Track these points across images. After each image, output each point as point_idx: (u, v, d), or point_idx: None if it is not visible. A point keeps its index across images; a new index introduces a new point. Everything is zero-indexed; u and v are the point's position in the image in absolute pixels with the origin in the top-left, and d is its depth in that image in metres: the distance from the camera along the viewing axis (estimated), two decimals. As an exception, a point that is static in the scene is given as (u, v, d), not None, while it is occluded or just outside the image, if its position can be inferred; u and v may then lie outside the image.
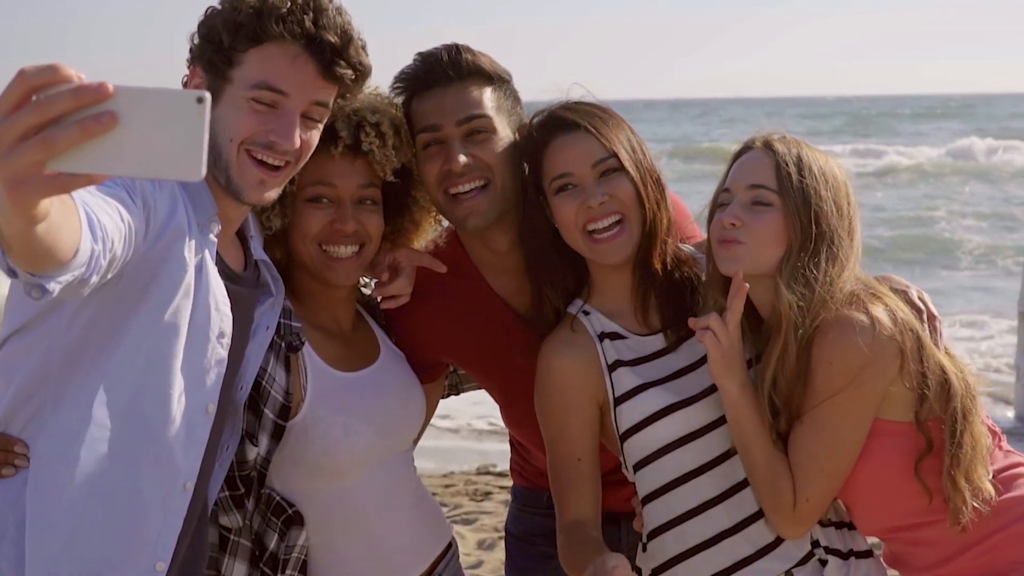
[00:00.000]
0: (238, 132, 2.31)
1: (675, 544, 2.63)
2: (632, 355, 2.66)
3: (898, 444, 2.51)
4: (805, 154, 2.55)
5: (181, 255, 2.22)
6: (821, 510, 2.57)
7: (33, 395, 2.22)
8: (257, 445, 2.58)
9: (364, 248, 2.75)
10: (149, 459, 2.25)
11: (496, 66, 2.82)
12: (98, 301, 2.14)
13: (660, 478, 2.62)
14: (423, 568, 2.89)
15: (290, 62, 2.31)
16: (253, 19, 2.29)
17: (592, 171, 2.61)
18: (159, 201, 2.16)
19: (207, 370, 2.32)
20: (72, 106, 1.25)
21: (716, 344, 2.53)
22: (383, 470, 2.78)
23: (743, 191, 2.54)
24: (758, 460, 2.54)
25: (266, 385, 2.60)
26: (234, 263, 2.49)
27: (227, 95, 2.32)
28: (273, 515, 2.64)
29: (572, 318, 2.69)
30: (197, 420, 2.31)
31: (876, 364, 2.44)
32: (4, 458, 2.22)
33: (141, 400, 2.22)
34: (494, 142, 2.76)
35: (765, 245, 2.51)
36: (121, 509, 2.24)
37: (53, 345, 2.18)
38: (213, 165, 2.32)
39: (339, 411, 2.70)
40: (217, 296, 2.33)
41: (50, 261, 1.59)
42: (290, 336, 2.64)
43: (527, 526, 3.25)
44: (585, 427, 2.65)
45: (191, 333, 2.26)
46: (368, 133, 2.67)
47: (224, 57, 2.31)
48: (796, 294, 2.47)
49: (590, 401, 2.64)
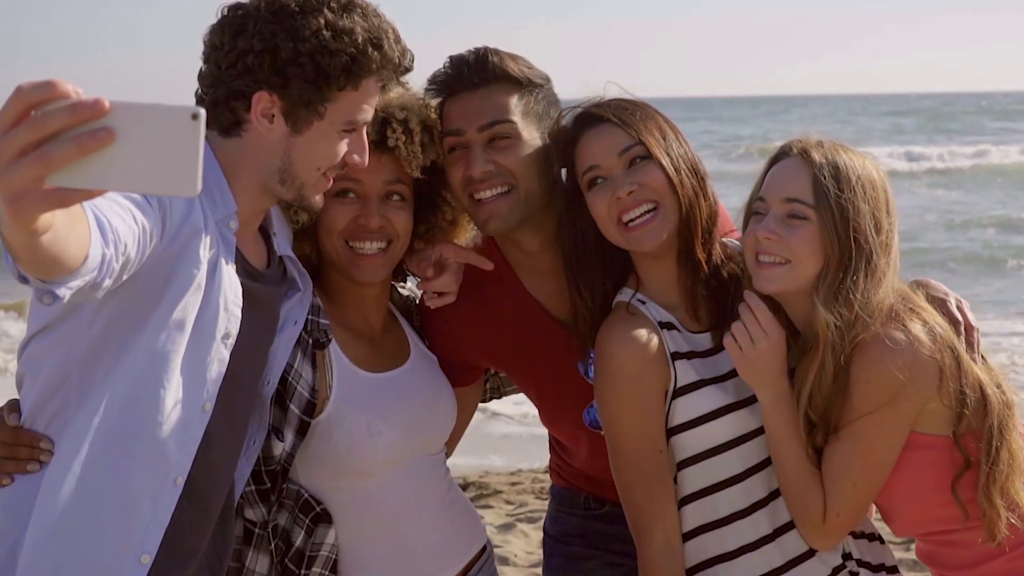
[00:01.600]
0: (327, 162, 2.39)
1: (715, 546, 2.60)
2: (688, 348, 2.62)
3: (934, 457, 2.49)
4: (843, 162, 2.49)
5: (196, 253, 2.24)
6: (852, 524, 2.56)
7: (56, 393, 2.26)
8: (283, 440, 2.60)
9: (391, 245, 2.74)
10: (141, 453, 2.26)
11: (527, 70, 2.80)
12: (117, 301, 2.17)
13: (706, 479, 2.59)
14: (455, 571, 2.88)
15: (377, 94, 2.43)
16: (362, 63, 2.34)
17: (619, 160, 2.58)
18: (175, 201, 2.18)
19: (207, 369, 2.32)
20: (69, 122, 1.26)
21: (737, 351, 2.52)
22: (410, 472, 2.78)
23: (779, 204, 2.50)
24: (789, 471, 2.52)
25: (292, 381, 2.62)
26: (256, 260, 2.50)
27: (316, 128, 2.36)
28: (301, 512, 2.66)
29: (626, 305, 2.64)
30: (192, 417, 2.31)
31: (914, 384, 2.42)
32: (29, 454, 2.27)
33: (139, 395, 2.24)
34: (518, 148, 2.75)
35: (802, 261, 2.47)
36: (110, 501, 2.25)
37: (74, 344, 2.22)
38: (278, 182, 2.38)
39: (363, 411, 2.70)
40: (228, 296, 2.34)
41: (59, 269, 1.62)
42: (317, 333, 2.66)
43: (563, 526, 3.24)
44: (662, 417, 2.58)
45: (196, 331, 2.28)
46: (395, 129, 2.68)
47: (322, 96, 2.33)
48: (835, 314, 2.43)
49: (661, 390, 2.58)
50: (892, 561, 2.73)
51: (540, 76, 2.84)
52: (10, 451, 2.29)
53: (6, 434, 2.31)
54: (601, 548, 3.16)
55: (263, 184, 2.40)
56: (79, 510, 2.24)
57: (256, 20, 2.32)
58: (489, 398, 3.32)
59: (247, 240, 2.47)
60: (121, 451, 2.25)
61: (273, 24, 2.31)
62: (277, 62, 2.30)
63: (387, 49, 2.35)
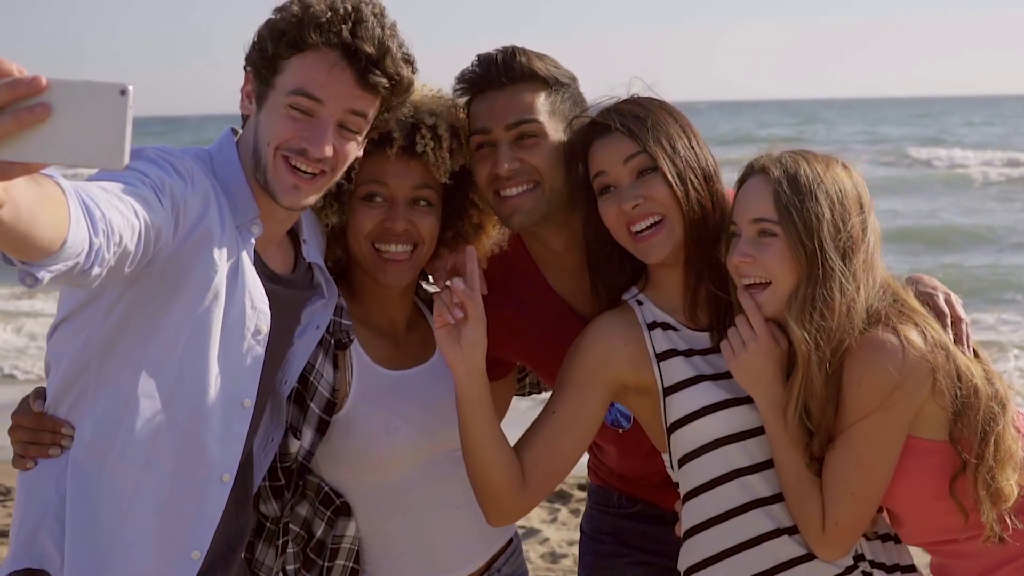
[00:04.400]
0: (275, 137, 2.40)
1: (716, 542, 2.60)
2: (685, 346, 2.65)
3: (933, 463, 2.48)
4: (803, 172, 2.49)
5: (211, 255, 2.32)
6: (854, 533, 2.54)
7: (76, 380, 2.36)
8: (300, 438, 2.66)
9: (417, 249, 2.78)
10: (183, 452, 2.34)
11: (553, 70, 2.82)
12: (133, 294, 2.27)
13: (705, 474, 2.60)
14: (478, 564, 2.93)
15: (327, 70, 2.37)
16: (294, 27, 2.36)
17: (625, 169, 2.61)
18: (189, 202, 2.26)
19: (243, 366, 2.40)
20: (8, 98, 1.33)
21: (730, 353, 2.55)
22: (431, 467, 2.83)
23: (748, 225, 2.52)
24: (789, 478, 2.53)
25: (313, 381, 2.68)
26: (279, 265, 2.57)
27: (269, 101, 2.41)
28: (322, 504, 2.72)
29: (622, 304, 2.70)
30: (234, 414, 2.40)
31: (906, 386, 2.42)
32: (52, 439, 2.37)
33: (178, 395, 2.32)
34: (544, 146, 2.77)
35: (780, 279, 2.48)
36: (155, 502, 2.34)
37: (92, 333, 2.31)
38: (255, 168, 2.42)
39: (382, 408, 2.76)
40: (254, 295, 2.41)
41: (34, 250, 1.67)
42: (339, 333, 2.72)
43: (597, 524, 3.28)
44: (580, 390, 2.62)
45: (226, 331, 2.35)
46: (424, 135, 2.72)
47: (268, 64, 2.40)
48: (812, 326, 2.44)
49: (609, 381, 2.63)
50: (908, 560, 2.69)
51: (567, 76, 2.86)
52: (34, 436, 2.40)
53: (31, 419, 2.42)
54: (632, 547, 3.19)
55: (253, 174, 2.45)
56: (127, 510, 2.33)
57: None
58: (528, 392, 3.34)
59: (271, 244, 2.54)
60: (161, 448, 2.33)
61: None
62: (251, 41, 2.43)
63: (332, 25, 2.36)
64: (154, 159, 2.24)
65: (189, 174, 2.29)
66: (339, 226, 2.79)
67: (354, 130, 2.45)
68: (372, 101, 2.44)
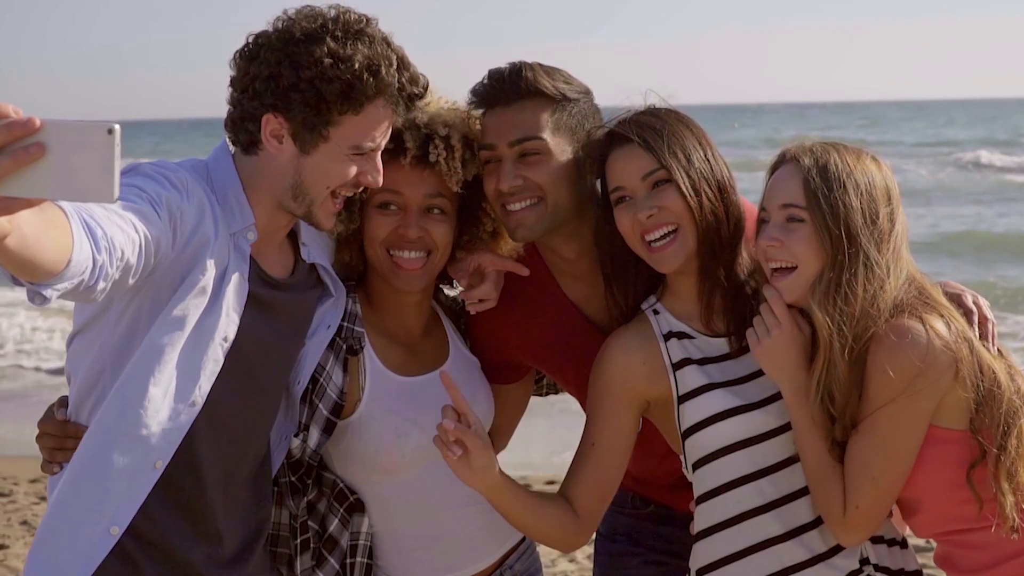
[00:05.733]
0: (336, 181, 2.55)
1: (726, 545, 2.66)
2: (700, 354, 2.71)
3: (952, 452, 2.52)
4: (833, 162, 2.55)
5: (204, 260, 2.43)
6: (874, 518, 2.57)
7: (94, 387, 2.49)
8: (305, 437, 2.77)
9: (431, 256, 2.87)
10: (124, 434, 2.44)
11: (563, 86, 2.86)
12: (138, 303, 2.40)
13: (717, 478, 2.67)
14: (490, 561, 3.01)
15: (386, 121, 2.57)
16: (366, 92, 2.47)
17: (643, 183, 2.67)
18: (185, 212, 2.37)
19: (202, 367, 2.49)
20: (6, 139, 1.44)
21: (754, 340, 2.61)
22: (440, 470, 2.85)
23: (777, 211, 2.58)
24: (811, 463, 2.58)
25: (323, 381, 2.79)
26: (277, 269, 2.67)
27: (323, 150, 2.52)
28: (336, 501, 2.82)
29: (640, 315, 2.76)
30: (181, 409, 2.48)
31: (930, 373, 2.46)
32: (75, 444, 2.50)
33: (130, 382, 2.43)
34: (547, 163, 2.82)
35: (806, 264, 2.53)
36: (88, 474, 2.46)
37: (105, 342, 2.44)
38: (291, 199, 2.56)
39: (392, 413, 2.85)
40: (231, 302, 2.51)
41: (39, 271, 1.79)
42: (351, 339, 2.82)
43: (611, 523, 3.33)
44: (611, 418, 2.71)
45: (196, 331, 2.46)
46: (437, 145, 2.80)
47: (324, 120, 2.49)
48: (835, 311, 2.48)
49: (634, 399, 2.71)
50: (914, 566, 2.72)
51: (576, 91, 2.90)
52: (59, 442, 2.55)
53: (55, 427, 2.57)
54: (646, 547, 3.26)
55: (277, 199, 2.57)
56: (69, 482, 2.48)
57: (266, 48, 2.50)
58: (546, 393, 3.42)
59: (269, 250, 2.64)
60: (108, 432, 2.45)
61: (279, 52, 2.48)
62: (280, 87, 2.47)
63: (384, 75, 2.47)
64: (150, 174, 2.35)
65: (184, 185, 2.39)
66: (345, 234, 2.89)
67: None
68: None
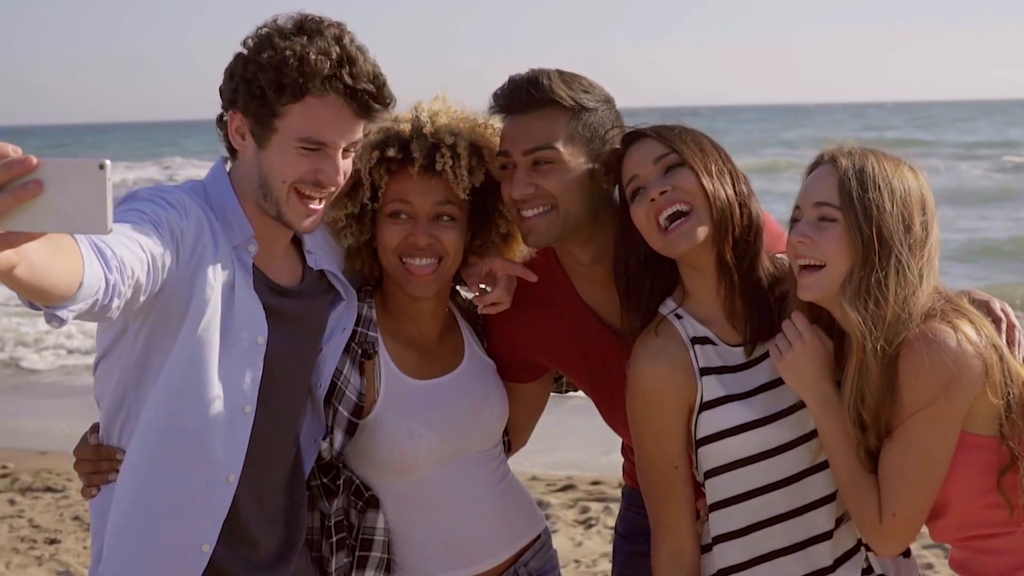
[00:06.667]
0: (289, 175, 2.59)
1: (739, 553, 2.71)
2: (719, 363, 2.72)
3: (981, 457, 2.53)
4: (870, 166, 2.55)
5: (207, 275, 2.52)
6: (911, 525, 2.57)
7: (120, 409, 2.61)
8: (330, 439, 2.87)
9: (442, 262, 2.95)
10: (188, 457, 2.56)
11: (581, 95, 2.90)
12: (151, 321, 2.50)
13: (729, 490, 2.70)
14: (504, 557, 3.08)
15: (333, 115, 2.57)
16: (297, 78, 2.53)
17: (655, 168, 2.69)
18: (185, 230, 2.47)
19: (242, 376, 2.60)
20: (6, 177, 1.53)
21: (777, 354, 2.63)
22: (453, 468, 3.00)
23: (810, 208, 2.58)
24: (842, 474, 2.60)
25: (341, 385, 2.88)
26: (285, 278, 2.76)
27: (274, 142, 2.59)
28: (354, 496, 2.92)
29: (660, 319, 2.76)
30: (236, 420, 2.60)
31: (962, 378, 2.45)
32: (110, 466, 2.63)
33: (181, 405, 2.54)
34: (560, 172, 2.87)
35: (834, 263, 2.53)
36: (165, 498, 2.57)
37: (126, 364, 2.55)
38: (263, 199, 2.62)
39: (406, 415, 2.94)
40: (250, 310, 2.61)
41: (52, 295, 1.87)
42: (365, 344, 2.92)
43: (630, 525, 3.38)
44: (681, 433, 2.72)
45: (225, 344, 2.56)
46: (443, 154, 2.87)
47: (269, 110, 2.56)
48: (866, 312, 2.49)
49: (684, 406, 2.71)
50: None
51: (595, 99, 2.93)
52: (95, 466, 2.67)
53: (89, 452, 2.69)
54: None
55: (255, 201, 2.65)
56: (143, 507, 2.57)
57: (235, 54, 2.62)
58: (565, 390, 3.47)
59: (274, 259, 2.73)
60: (171, 454, 2.56)
61: (240, 53, 2.60)
62: (233, 82, 2.59)
63: (315, 64, 2.51)
64: (148, 197, 2.45)
65: (181, 205, 2.49)
66: (356, 246, 2.98)
67: (352, 151, 2.65)
68: (367, 124, 2.66)
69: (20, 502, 7.88)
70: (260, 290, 2.65)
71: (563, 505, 7.42)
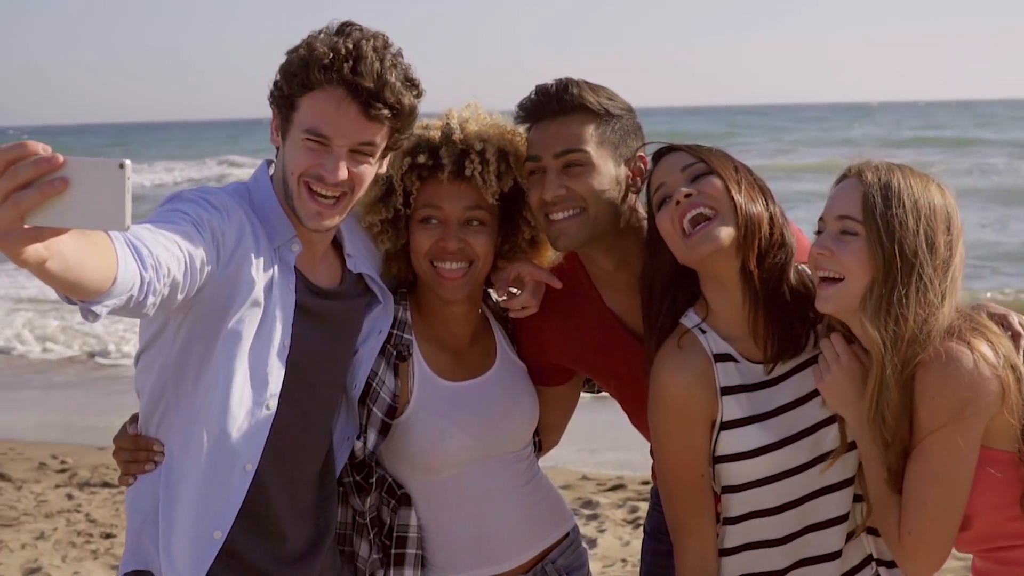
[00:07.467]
0: (296, 167, 2.66)
1: (748, 565, 2.77)
2: (739, 380, 2.73)
3: (1003, 472, 2.52)
4: (897, 182, 2.54)
5: (249, 274, 2.61)
6: (931, 547, 2.55)
7: (159, 403, 2.69)
8: (363, 438, 2.95)
9: (473, 266, 3.03)
10: (212, 445, 2.65)
11: (607, 102, 2.98)
12: (191, 320, 2.58)
13: (743, 507, 2.75)
14: (530, 555, 3.15)
15: (335, 108, 2.62)
16: (302, 69, 2.62)
17: (682, 176, 2.72)
18: (227, 232, 2.55)
19: (269, 373, 2.68)
20: (34, 174, 1.61)
21: (818, 377, 2.66)
22: (483, 468, 3.07)
23: (833, 221, 2.58)
24: (872, 491, 2.63)
25: (376, 386, 2.97)
26: (325, 279, 2.84)
27: (290, 135, 2.68)
28: (387, 494, 3.00)
29: (684, 332, 2.76)
30: (259, 414, 2.68)
31: (978, 399, 2.45)
32: (147, 456, 2.73)
33: (212, 396, 2.62)
34: (590, 174, 2.95)
35: (854, 277, 2.53)
36: (186, 486, 2.66)
37: (165, 359, 2.64)
38: (284, 194, 2.71)
39: (438, 416, 3.02)
40: (284, 310, 2.69)
41: (87, 290, 1.93)
42: (400, 346, 3.00)
43: (657, 523, 3.43)
44: (707, 444, 2.74)
45: (257, 341, 2.64)
46: (472, 160, 2.95)
47: (286, 102, 2.67)
48: (885, 330, 2.50)
49: (708, 420, 2.73)
50: None
51: (620, 107, 3.02)
52: (132, 456, 2.76)
53: (128, 441, 2.79)
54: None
55: (285, 200, 2.72)
56: (167, 497, 2.67)
57: None
58: (598, 390, 3.51)
59: (315, 260, 2.81)
60: (196, 443, 2.65)
61: None
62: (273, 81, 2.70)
63: (319, 54, 2.59)
64: (192, 199, 2.53)
65: (224, 207, 2.57)
66: (392, 251, 3.06)
67: (366, 154, 2.69)
68: (378, 130, 2.67)
69: (78, 496, 8.06)
70: (299, 290, 2.73)
71: (612, 505, 7.45)
